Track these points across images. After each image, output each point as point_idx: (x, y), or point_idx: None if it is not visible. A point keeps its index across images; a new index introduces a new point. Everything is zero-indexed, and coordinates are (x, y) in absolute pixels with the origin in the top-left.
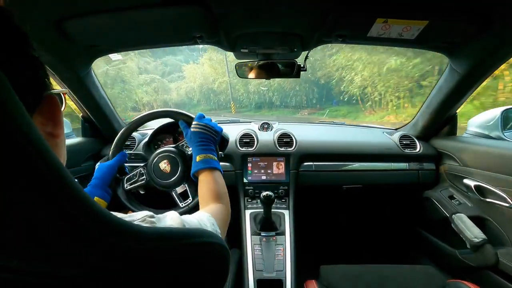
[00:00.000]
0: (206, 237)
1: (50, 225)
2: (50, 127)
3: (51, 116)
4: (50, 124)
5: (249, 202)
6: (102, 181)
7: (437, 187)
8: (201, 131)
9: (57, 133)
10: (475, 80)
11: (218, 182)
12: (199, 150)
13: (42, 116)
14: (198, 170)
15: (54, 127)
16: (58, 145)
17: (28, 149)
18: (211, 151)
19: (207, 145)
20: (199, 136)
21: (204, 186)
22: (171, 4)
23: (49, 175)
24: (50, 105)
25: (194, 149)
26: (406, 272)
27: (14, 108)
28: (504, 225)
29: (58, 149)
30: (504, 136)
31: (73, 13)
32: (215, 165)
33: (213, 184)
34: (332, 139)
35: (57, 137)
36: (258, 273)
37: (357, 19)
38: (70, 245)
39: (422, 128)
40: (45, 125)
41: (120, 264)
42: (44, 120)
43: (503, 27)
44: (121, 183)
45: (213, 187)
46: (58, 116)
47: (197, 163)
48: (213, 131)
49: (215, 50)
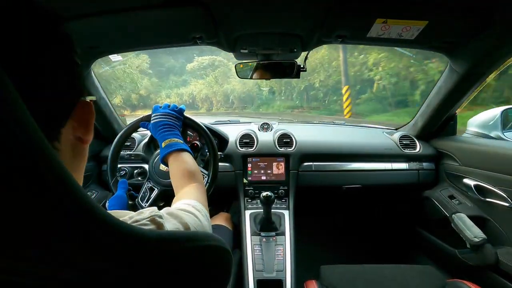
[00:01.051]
0: (209, 241)
1: (51, 227)
2: (81, 132)
3: (83, 122)
4: (81, 129)
5: (249, 202)
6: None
7: (437, 187)
8: (158, 120)
9: (87, 139)
10: (475, 80)
11: (188, 161)
12: (162, 137)
13: (75, 120)
14: (165, 155)
15: (85, 133)
16: (85, 150)
17: (29, 150)
18: (174, 135)
19: (169, 130)
20: (158, 125)
21: (174, 168)
22: (171, 5)
23: (51, 177)
24: (84, 111)
25: (158, 137)
26: (406, 271)
27: (14, 106)
28: (504, 224)
29: (84, 154)
30: (504, 136)
31: (73, 14)
32: (180, 146)
33: (183, 164)
34: (332, 139)
35: (86, 143)
36: (258, 273)
37: (357, 20)
38: (71, 248)
39: (422, 128)
40: (76, 130)
41: (122, 268)
42: (76, 125)
43: (503, 27)
44: (138, 206)
45: (183, 166)
46: (90, 122)
47: (163, 149)
48: (171, 115)
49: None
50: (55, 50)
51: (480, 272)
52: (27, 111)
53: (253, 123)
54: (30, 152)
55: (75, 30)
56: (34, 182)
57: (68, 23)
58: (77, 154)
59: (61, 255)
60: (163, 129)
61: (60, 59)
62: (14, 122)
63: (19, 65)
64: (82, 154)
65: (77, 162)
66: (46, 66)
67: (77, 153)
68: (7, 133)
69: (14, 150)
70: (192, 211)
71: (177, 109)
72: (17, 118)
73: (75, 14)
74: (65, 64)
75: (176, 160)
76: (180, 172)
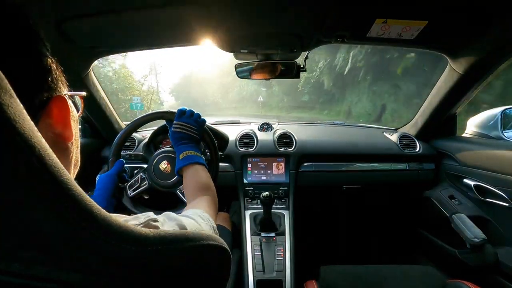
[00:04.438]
0: (208, 240)
1: (51, 229)
2: (59, 129)
3: (59, 119)
4: (59, 126)
5: (249, 202)
6: (105, 192)
7: (437, 187)
8: (180, 130)
9: (67, 135)
10: (475, 80)
11: (202, 175)
12: (180, 149)
13: (50, 117)
14: (181, 167)
15: (64, 129)
16: (68, 148)
17: (28, 152)
18: (191, 147)
19: (187, 143)
20: (179, 136)
21: (188, 180)
22: (171, 5)
23: (50, 179)
24: (60, 107)
25: (176, 148)
26: (406, 272)
27: (15, 110)
28: (504, 225)
29: (68, 152)
30: (503, 136)
31: (73, 14)
32: (196, 160)
33: (196, 177)
34: (332, 140)
35: (68, 139)
36: (258, 273)
37: (357, 20)
38: (70, 249)
39: (422, 128)
40: (53, 127)
41: (121, 269)
42: (52, 122)
43: (502, 27)
44: (125, 191)
45: (197, 179)
46: (68, 118)
47: (180, 161)
48: (193, 128)
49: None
50: (18, 44)
51: (480, 272)
52: (23, 109)
53: (253, 123)
54: (25, 151)
55: (76, 30)
56: (30, 181)
57: (68, 23)
58: (60, 152)
59: (59, 256)
60: (182, 141)
61: (24, 54)
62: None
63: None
64: (66, 153)
65: (62, 159)
66: (6, 61)
67: (60, 150)
68: (2, 133)
69: (8, 150)
70: (193, 217)
71: (200, 120)
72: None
73: (75, 14)
74: (30, 59)
75: (191, 172)
76: (194, 185)
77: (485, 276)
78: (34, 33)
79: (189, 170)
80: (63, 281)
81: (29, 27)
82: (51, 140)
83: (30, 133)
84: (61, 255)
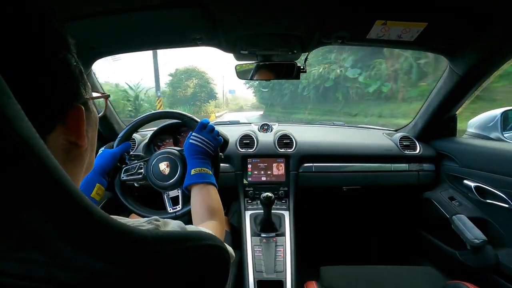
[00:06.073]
0: (207, 240)
1: (50, 230)
2: (73, 138)
3: (75, 127)
4: (73, 134)
5: (249, 203)
6: (102, 169)
7: (437, 188)
8: (198, 144)
9: (81, 143)
10: (475, 81)
11: (213, 198)
12: (193, 163)
13: (66, 126)
14: (192, 184)
15: (78, 137)
16: (82, 154)
17: (26, 154)
18: (206, 164)
19: (202, 159)
20: (195, 149)
21: (198, 200)
22: (171, 6)
23: (49, 180)
24: (75, 116)
25: (189, 161)
26: (406, 273)
27: (13, 111)
28: (504, 226)
29: (81, 158)
30: (503, 137)
31: (73, 14)
32: (210, 180)
33: (207, 199)
34: (332, 140)
35: (82, 147)
36: (258, 274)
37: (357, 21)
38: (70, 250)
39: (422, 129)
40: (68, 135)
41: (121, 269)
42: (67, 131)
43: (502, 28)
44: (119, 173)
45: (207, 202)
46: (82, 127)
47: (191, 176)
48: (211, 145)
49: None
50: (38, 49)
51: (481, 273)
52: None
53: (253, 124)
54: (24, 153)
55: (75, 30)
56: (29, 182)
57: (68, 24)
58: (72, 158)
59: (58, 256)
60: (197, 156)
61: (45, 59)
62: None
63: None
64: (79, 159)
65: (72, 166)
66: (27, 67)
67: (72, 157)
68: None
69: (6, 152)
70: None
71: (218, 138)
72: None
73: (75, 15)
74: (51, 65)
75: (203, 192)
76: (204, 207)
77: (485, 277)
78: (60, 39)
79: (200, 189)
80: (62, 282)
81: (55, 31)
82: (65, 147)
83: (29, 134)
84: (60, 256)
